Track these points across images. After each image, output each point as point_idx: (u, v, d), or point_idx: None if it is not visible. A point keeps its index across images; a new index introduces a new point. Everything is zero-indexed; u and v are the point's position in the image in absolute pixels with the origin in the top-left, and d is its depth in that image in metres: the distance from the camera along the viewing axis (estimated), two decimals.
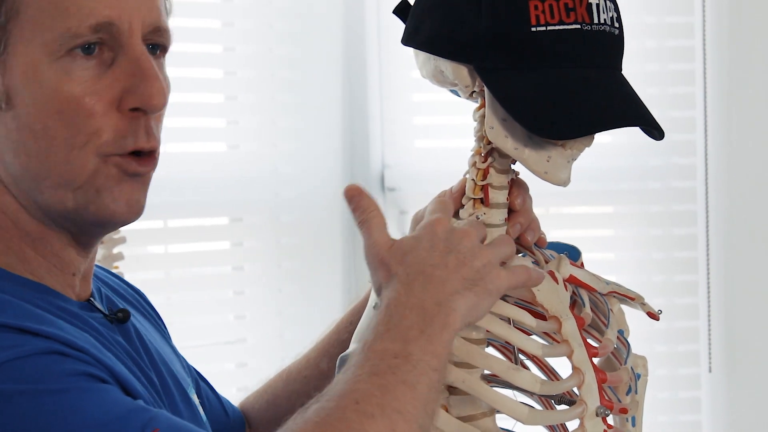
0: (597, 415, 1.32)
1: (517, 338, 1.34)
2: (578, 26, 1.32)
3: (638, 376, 1.46)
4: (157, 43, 1.29)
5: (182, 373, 1.46)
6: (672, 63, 3.14)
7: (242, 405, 1.69)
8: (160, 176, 3.07)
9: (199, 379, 1.60)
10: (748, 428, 3.14)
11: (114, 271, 1.78)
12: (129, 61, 1.24)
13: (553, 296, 1.35)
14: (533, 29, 1.31)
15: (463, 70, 1.36)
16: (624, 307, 1.49)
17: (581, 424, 1.32)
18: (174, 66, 3.00)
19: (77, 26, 1.21)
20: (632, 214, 3.16)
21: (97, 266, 1.50)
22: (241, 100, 3.11)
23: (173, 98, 1.37)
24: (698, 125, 3.09)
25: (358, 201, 1.33)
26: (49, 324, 1.17)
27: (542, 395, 1.40)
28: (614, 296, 1.46)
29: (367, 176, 3.22)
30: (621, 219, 3.18)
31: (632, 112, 1.33)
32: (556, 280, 1.37)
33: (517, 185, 1.43)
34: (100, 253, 2.42)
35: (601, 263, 2.99)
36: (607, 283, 1.45)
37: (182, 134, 2.98)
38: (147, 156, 1.27)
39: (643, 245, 3.15)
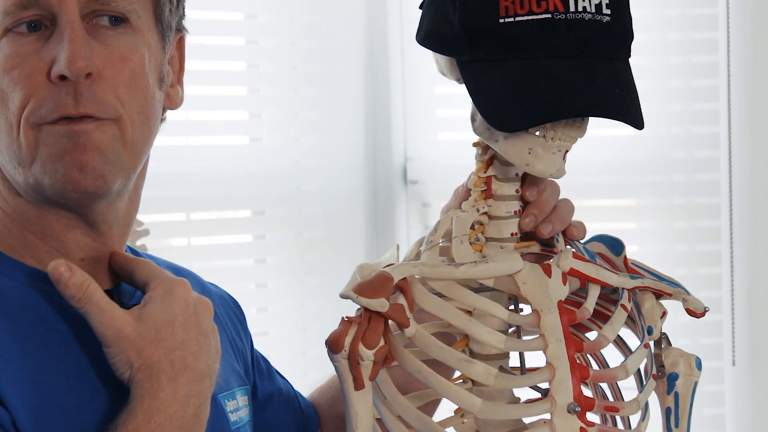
0: (569, 411, 1.28)
1: (476, 330, 1.32)
2: (549, 15, 1.29)
3: (675, 376, 1.43)
4: (106, 12, 1.27)
5: (224, 375, 1.44)
6: (695, 55, 3.12)
7: (310, 399, 1.70)
8: (182, 169, 3.08)
9: (280, 377, 1.62)
10: None
11: None
12: (59, 32, 1.23)
13: (537, 289, 1.33)
14: (501, 21, 1.30)
15: (451, 64, 1.36)
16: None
17: (550, 420, 1.29)
18: (196, 59, 3.02)
19: (3, 4, 1.22)
20: (655, 207, 3.15)
21: (177, 266, 1.51)
22: (264, 93, 3.11)
23: (195, 91, 1.36)
24: (722, 118, 3.08)
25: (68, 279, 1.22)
26: None
27: (499, 389, 1.37)
28: (650, 291, 1.43)
29: (389, 169, 3.22)
30: (644, 212, 3.17)
31: (591, 103, 1.30)
32: (548, 273, 1.34)
33: (531, 176, 1.40)
34: None
35: None
36: (634, 277, 1.41)
37: (204, 127, 2.98)
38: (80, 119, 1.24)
39: (667, 238, 3.14)
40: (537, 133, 1.33)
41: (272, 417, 1.58)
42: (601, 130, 1.62)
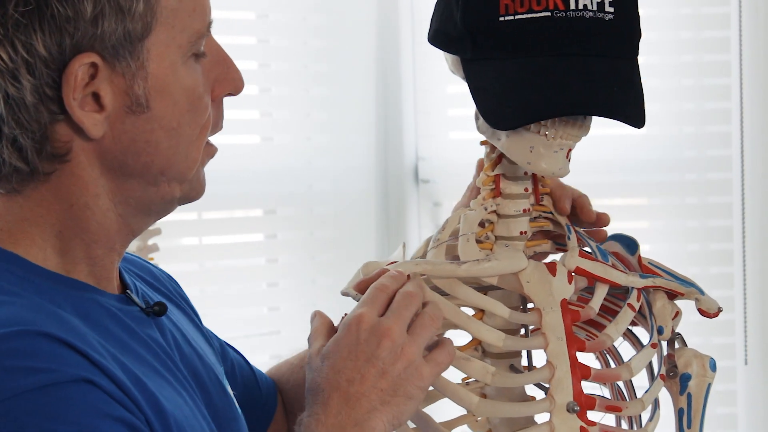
0: (568, 410, 1.28)
1: (475, 328, 1.32)
2: (548, 14, 1.30)
3: (687, 376, 1.43)
4: None
5: (214, 361, 1.45)
6: (708, 54, 3.12)
7: (274, 375, 1.66)
8: None
9: (231, 350, 1.59)
10: None
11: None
12: (210, 52, 1.28)
13: (540, 288, 1.33)
14: (501, 19, 1.31)
15: (457, 61, 1.37)
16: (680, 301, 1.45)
17: (550, 419, 1.29)
18: None
19: (201, 25, 1.26)
20: (667, 206, 3.14)
21: (127, 253, 1.49)
22: (276, 92, 3.11)
23: None
24: (734, 116, 3.07)
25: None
26: (82, 339, 1.16)
27: (498, 387, 1.37)
28: (663, 291, 1.43)
29: (400, 168, 3.22)
30: (656, 211, 3.17)
31: (586, 101, 1.31)
32: (553, 272, 1.34)
33: (560, 191, 1.43)
34: (134, 244, 2.43)
35: None
36: (645, 276, 1.41)
37: None
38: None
39: (679, 237, 3.13)
40: (539, 131, 1.33)
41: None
42: (612, 128, 1.61)
